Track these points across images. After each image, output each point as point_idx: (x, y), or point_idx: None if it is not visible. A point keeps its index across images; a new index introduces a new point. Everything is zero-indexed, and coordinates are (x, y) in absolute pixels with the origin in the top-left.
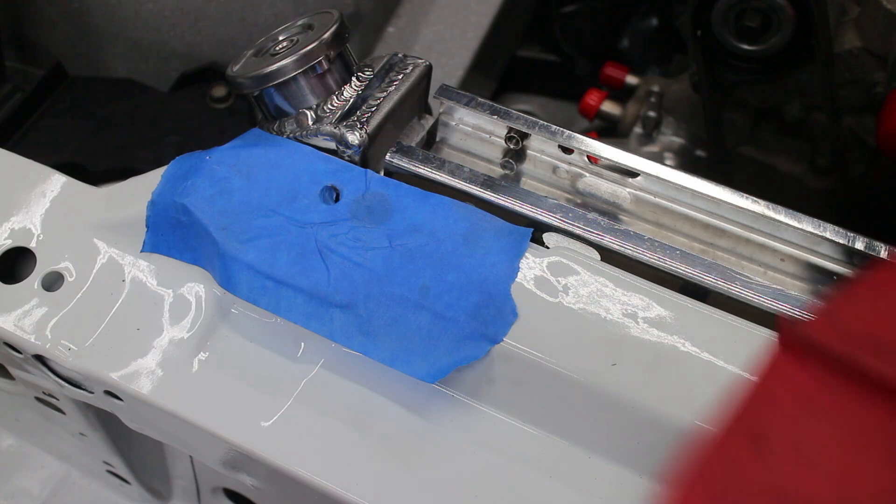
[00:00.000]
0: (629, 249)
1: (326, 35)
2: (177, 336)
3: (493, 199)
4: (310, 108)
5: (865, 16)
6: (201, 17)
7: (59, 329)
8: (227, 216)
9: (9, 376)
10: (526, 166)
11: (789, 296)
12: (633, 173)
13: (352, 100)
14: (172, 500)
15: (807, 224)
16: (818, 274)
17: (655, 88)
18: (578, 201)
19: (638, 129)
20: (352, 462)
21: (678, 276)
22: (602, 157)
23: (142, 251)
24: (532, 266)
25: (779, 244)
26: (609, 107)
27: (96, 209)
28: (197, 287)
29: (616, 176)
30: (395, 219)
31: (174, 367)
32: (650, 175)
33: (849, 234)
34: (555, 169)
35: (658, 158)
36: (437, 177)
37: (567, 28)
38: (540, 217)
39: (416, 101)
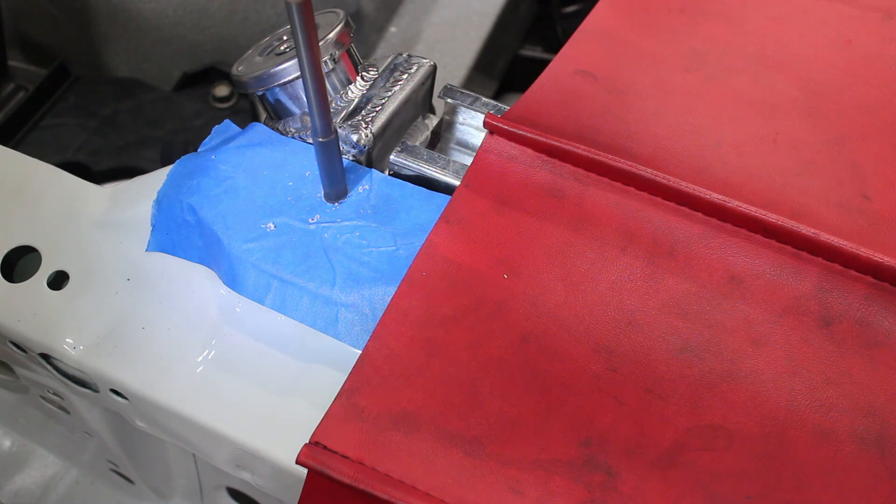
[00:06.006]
0: None
1: (331, 35)
2: (182, 335)
3: None
4: None
5: None
6: (204, 17)
7: (65, 327)
8: (232, 215)
9: (13, 375)
10: None
11: None
12: None
13: (356, 100)
14: (175, 499)
15: None
16: None
17: None
18: None
19: None
20: None
21: None
22: None
23: (147, 250)
24: None
25: None
26: None
27: (101, 208)
28: (202, 286)
29: None
30: (400, 218)
31: (179, 365)
32: None
33: None
34: None
35: None
36: (442, 176)
37: (569, 28)
38: None
39: (421, 101)
